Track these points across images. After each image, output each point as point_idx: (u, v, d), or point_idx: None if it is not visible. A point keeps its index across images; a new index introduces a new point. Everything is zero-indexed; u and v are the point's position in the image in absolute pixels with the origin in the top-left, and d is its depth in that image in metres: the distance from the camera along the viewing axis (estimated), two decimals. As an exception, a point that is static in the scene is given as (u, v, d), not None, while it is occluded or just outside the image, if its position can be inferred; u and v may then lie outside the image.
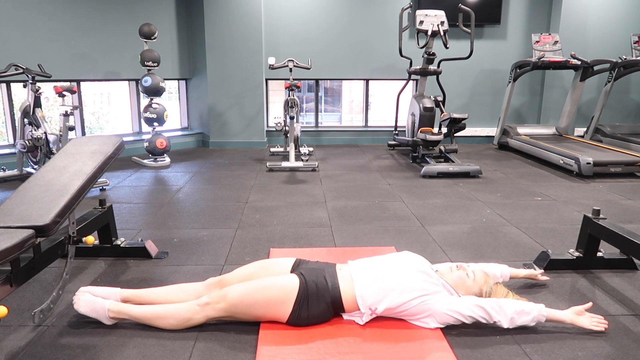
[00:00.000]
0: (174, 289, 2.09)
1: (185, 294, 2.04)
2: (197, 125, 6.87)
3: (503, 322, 1.89)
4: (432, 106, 5.54)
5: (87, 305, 1.96)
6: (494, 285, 2.06)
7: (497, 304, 1.91)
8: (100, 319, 1.96)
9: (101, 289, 2.06)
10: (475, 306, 1.89)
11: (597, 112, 6.40)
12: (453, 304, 1.89)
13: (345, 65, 6.84)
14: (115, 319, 1.96)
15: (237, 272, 2.09)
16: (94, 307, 1.96)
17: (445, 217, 3.53)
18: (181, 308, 1.93)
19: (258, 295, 1.89)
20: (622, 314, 2.12)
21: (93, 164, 2.30)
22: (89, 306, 1.96)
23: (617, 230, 2.32)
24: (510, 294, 2.03)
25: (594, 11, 6.70)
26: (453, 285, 2.02)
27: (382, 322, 1.95)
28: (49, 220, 1.86)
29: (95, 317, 1.96)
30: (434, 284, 1.94)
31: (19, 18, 5.01)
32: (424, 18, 5.48)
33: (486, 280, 2.05)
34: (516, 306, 1.91)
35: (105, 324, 1.96)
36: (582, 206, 3.82)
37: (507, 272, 2.29)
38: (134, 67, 5.81)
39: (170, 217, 3.54)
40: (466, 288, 2.02)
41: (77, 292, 2.02)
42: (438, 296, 1.91)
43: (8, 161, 4.92)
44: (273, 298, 1.88)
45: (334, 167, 5.37)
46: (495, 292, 2.03)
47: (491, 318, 1.89)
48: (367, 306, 1.91)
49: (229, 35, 6.34)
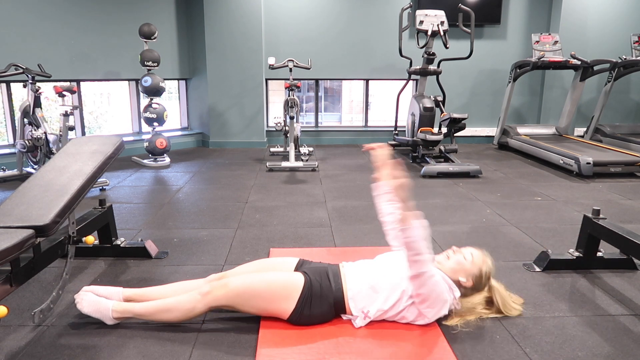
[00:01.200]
0: (176, 286, 2.08)
1: (188, 291, 2.03)
2: (197, 125, 6.87)
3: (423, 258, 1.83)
4: (432, 106, 5.54)
5: (90, 306, 1.96)
6: (493, 266, 2.03)
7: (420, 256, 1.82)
8: (104, 320, 1.96)
9: (104, 289, 2.06)
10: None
11: (597, 112, 6.40)
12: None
13: (345, 65, 6.83)
14: (119, 319, 1.96)
15: (239, 268, 2.09)
16: (97, 308, 1.95)
17: (445, 217, 3.53)
18: (183, 298, 1.92)
19: (262, 287, 1.88)
20: (622, 314, 2.12)
21: (93, 164, 2.30)
22: (92, 306, 1.96)
23: (617, 230, 2.32)
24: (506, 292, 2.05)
25: (594, 11, 6.70)
26: (451, 272, 1.98)
27: (382, 322, 1.95)
28: (48, 220, 1.86)
29: (99, 318, 1.96)
30: None
31: (19, 18, 5.01)
32: (424, 18, 5.48)
33: (484, 260, 2.02)
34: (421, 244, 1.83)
35: (107, 324, 1.96)
36: (582, 206, 3.82)
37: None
38: (134, 67, 5.81)
39: (170, 217, 3.54)
40: (465, 271, 1.98)
41: (79, 292, 2.01)
42: None
43: (8, 161, 4.92)
44: (277, 293, 1.87)
45: (334, 167, 5.37)
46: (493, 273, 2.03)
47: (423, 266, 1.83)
48: (359, 309, 1.90)
49: (229, 35, 6.34)
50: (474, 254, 2.02)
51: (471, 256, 2.01)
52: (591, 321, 2.05)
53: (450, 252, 2.06)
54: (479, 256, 2.02)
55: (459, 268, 1.99)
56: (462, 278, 1.97)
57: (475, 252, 2.03)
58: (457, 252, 2.04)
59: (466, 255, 2.01)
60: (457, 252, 2.04)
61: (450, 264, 2.01)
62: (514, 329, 1.99)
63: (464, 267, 1.98)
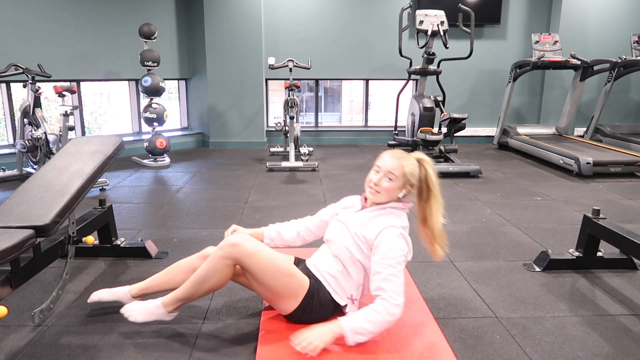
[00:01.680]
0: (172, 269, 2.03)
1: (183, 269, 1.99)
2: (197, 125, 6.87)
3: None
4: (432, 106, 5.54)
5: (142, 313, 1.88)
6: (413, 162, 1.83)
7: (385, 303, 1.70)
8: (162, 318, 1.88)
9: (110, 294, 2.03)
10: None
11: (597, 112, 6.40)
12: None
13: (345, 65, 6.83)
14: (174, 311, 1.89)
15: None
16: (149, 312, 1.87)
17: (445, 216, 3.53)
18: (208, 263, 1.82)
19: (270, 265, 1.78)
20: (622, 313, 2.12)
21: (93, 164, 2.30)
22: (144, 313, 1.87)
23: (617, 230, 2.32)
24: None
25: (594, 11, 6.70)
26: (389, 197, 1.83)
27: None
28: (48, 220, 1.86)
29: (156, 319, 1.88)
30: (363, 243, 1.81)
31: (19, 18, 5.01)
32: (423, 18, 5.48)
33: (400, 164, 1.80)
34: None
35: (166, 319, 1.90)
36: (582, 206, 3.82)
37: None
38: (133, 67, 5.81)
39: (170, 217, 3.54)
40: (389, 197, 1.82)
41: (124, 309, 1.91)
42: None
43: (8, 161, 4.92)
44: (280, 285, 1.80)
45: (334, 167, 5.37)
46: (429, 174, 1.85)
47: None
48: (346, 298, 1.86)
49: (228, 35, 6.34)
50: (388, 165, 1.80)
51: (390, 173, 1.79)
52: (591, 321, 2.05)
53: (372, 185, 1.83)
54: (392, 162, 1.81)
55: (390, 188, 1.80)
56: (400, 194, 1.84)
57: (388, 161, 1.82)
58: (380, 180, 1.81)
59: (384, 178, 1.80)
60: (379, 181, 1.81)
61: (383, 196, 1.82)
62: (514, 328, 1.99)
63: (392, 185, 1.80)
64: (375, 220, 1.83)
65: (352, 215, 1.92)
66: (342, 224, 1.91)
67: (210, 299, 2.23)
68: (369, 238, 1.79)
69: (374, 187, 1.82)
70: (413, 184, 1.85)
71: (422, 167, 1.86)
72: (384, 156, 1.84)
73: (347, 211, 1.98)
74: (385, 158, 1.83)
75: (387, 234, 1.77)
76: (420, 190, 1.89)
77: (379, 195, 1.83)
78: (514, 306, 2.19)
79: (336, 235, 1.90)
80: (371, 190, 1.84)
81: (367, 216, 1.86)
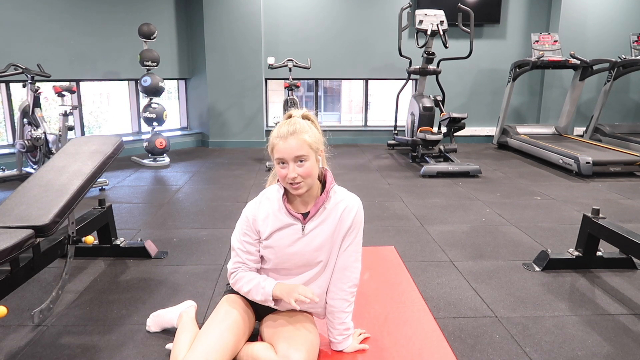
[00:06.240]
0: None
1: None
2: (196, 125, 6.86)
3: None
4: (432, 106, 5.54)
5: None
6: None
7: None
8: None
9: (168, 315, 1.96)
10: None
11: (597, 111, 6.40)
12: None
13: (345, 64, 6.83)
14: None
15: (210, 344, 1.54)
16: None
17: (444, 216, 3.53)
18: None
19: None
20: (622, 313, 2.12)
21: (92, 164, 2.30)
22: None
23: (617, 229, 2.32)
24: None
25: (593, 11, 6.71)
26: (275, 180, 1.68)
27: (382, 322, 1.95)
28: (48, 220, 1.86)
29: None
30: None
31: (19, 18, 5.00)
32: (423, 17, 5.49)
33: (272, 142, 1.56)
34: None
35: None
36: (581, 205, 3.82)
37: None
38: (133, 67, 5.80)
39: (170, 217, 3.54)
40: (314, 175, 1.59)
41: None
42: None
43: (7, 161, 4.92)
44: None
45: (334, 166, 5.32)
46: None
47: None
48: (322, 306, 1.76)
49: (228, 34, 6.34)
50: (292, 151, 1.53)
51: (297, 158, 1.53)
52: (591, 320, 2.05)
53: (290, 181, 1.55)
54: (292, 144, 1.52)
55: (309, 168, 1.55)
56: (319, 166, 1.66)
57: (287, 146, 1.53)
58: (294, 171, 1.53)
59: (296, 165, 1.54)
60: (293, 171, 1.53)
61: (310, 180, 1.58)
62: (513, 328, 1.99)
63: (308, 165, 1.54)
64: (332, 214, 1.64)
65: (307, 240, 1.64)
66: (304, 256, 1.65)
67: (210, 299, 2.23)
68: (344, 232, 1.66)
69: (294, 181, 1.54)
70: (320, 148, 1.62)
71: (312, 122, 1.64)
72: (278, 145, 1.53)
73: (287, 234, 1.65)
74: (281, 146, 1.53)
75: (359, 216, 1.69)
76: None
77: (305, 181, 1.56)
78: (513, 306, 2.19)
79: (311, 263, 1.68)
80: (294, 186, 1.55)
81: (323, 223, 1.64)
